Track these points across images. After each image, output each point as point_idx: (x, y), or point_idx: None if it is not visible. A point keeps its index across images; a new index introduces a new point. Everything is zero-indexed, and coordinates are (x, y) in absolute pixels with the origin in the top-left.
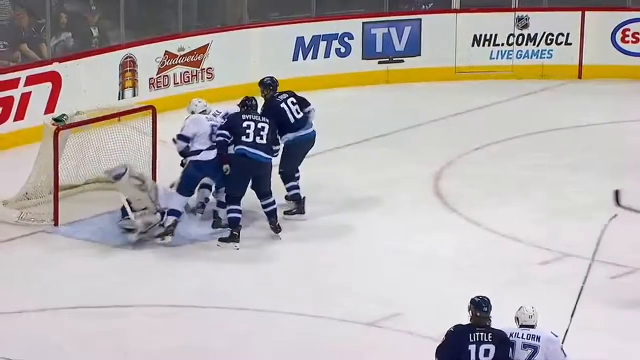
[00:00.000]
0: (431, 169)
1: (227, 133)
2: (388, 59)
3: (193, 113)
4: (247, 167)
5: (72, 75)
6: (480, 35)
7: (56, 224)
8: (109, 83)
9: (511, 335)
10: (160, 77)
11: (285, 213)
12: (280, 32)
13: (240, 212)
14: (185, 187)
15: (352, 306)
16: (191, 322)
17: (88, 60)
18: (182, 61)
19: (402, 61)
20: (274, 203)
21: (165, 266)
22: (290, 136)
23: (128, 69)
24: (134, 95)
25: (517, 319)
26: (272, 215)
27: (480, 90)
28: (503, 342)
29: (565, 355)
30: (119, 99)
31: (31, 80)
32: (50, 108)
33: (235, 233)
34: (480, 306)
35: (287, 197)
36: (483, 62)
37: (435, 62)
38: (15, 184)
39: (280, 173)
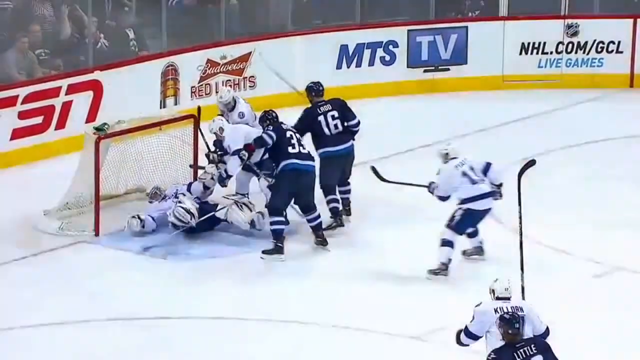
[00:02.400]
0: None
1: (273, 135)
2: (433, 67)
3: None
4: (299, 179)
5: (113, 83)
6: (529, 43)
7: (97, 234)
8: (150, 91)
9: (496, 310)
10: (202, 85)
11: (326, 228)
12: (323, 39)
13: (284, 223)
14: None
15: (396, 319)
16: (236, 335)
17: (129, 69)
18: (224, 69)
19: (448, 69)
20: (319, 216)
21: (208, 277)
22: (320, 151)
23: (170, 77)
24: (176, 104)
25: (492, 291)
26: (318, 229)
27: (528, 99)
28: (544, 346)
29: (542, 322)
30: (161, 108)
31: (72, 89)
32: (91, 117)
33: (279, 245)
34: (512, 323)
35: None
36: (531, 70)
37: (481, 70)
38: (55, 193)
39: (320, 187)
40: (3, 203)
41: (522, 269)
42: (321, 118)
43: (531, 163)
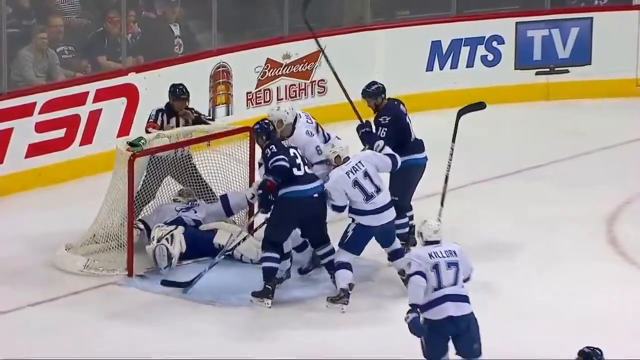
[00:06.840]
0: (603, 209)
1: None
2: (548, 69)
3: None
4: (304, 209)
5: (151, 88)
6: None
7: (129, 275)
8: (196, 98)
9: (430, 255)
10: (260, 91)
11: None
12: (410, 34)
13: (277, 260)
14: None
15: None
16: None
17: (171, 70)
18: (287, 71)
19: (567, 71)
20: (333, 251)
21: (266, 329)
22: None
23: (220, 80)
24: (228, 114)
25: (420, 234)
26: (333, 267)
27: None
28: None
29: (471, 266)
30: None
31: (101, 95)
32: (124, 129)
33: (268, 287)
34: (591, 359)
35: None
36: None
37: (610, 72)
38: (80, 223)
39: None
40: (17, 235)
41: (442, 204)
42: (408, 118)
43: (480, 106)
